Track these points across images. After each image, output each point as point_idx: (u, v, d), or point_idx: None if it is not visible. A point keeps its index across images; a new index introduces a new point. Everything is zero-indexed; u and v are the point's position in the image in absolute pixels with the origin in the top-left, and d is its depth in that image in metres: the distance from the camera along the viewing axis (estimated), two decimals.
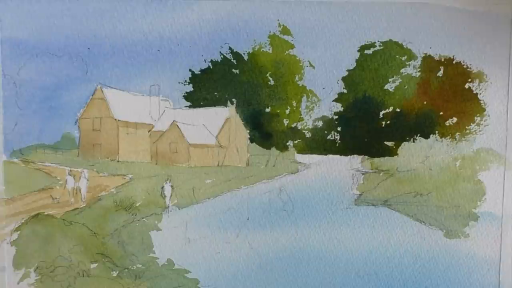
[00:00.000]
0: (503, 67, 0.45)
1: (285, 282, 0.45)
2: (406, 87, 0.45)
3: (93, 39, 0.44)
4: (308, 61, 0.44)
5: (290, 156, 0.46)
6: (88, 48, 0.44)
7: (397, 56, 0.45)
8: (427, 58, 0.45)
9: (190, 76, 0.44)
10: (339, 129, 0.45)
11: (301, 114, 0.45)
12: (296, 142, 0.45)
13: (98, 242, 0.45)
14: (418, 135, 0.45)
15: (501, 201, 0.45)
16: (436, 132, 0.45)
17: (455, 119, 0.45)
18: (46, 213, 0.45)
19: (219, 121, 0.46)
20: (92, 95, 0.44)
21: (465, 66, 0.45)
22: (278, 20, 0.44)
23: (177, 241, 0.44)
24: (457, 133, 0.45)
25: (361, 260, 0.46)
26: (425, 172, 0.45)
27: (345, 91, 0.45)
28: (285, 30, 0.44)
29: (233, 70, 0.44)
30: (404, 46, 0.44)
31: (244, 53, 0.44)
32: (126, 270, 0.45)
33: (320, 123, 0.45)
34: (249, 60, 0.44)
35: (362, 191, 0.46)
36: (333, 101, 0.45)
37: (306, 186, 0.46)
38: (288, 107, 0.45)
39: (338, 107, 0.45)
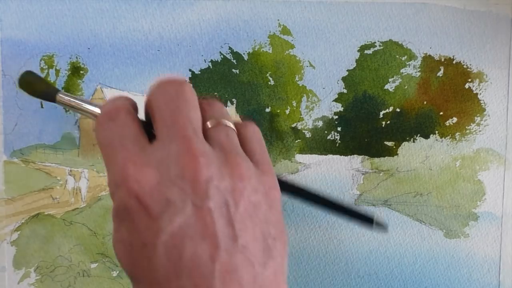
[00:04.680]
0: (503, 67, 0.44)
1: None
2: (406, 87, 0.45)
3: (93, 39, 0.44)
4: (308, 61, 0.44)
5: (290, 156, 0.46)
6: (88, 48, 0.44)
7: (397, 56, 0.44)
8: (427, 58, 0.45)
9: (190, 76, 0.44)
10: (339, 129, 0.45)
11: (301, 114, 0.45)
12: (296, 142, 0.45)
13: (98, 242, 0.45)
14: (418, 135, 0.45)
15: (501, 201, 0.45)
16: (436, 132, 0.45)
17: (455, 119, 0.45)
18: (46, 213, 0.45)
19: None
20: (92, 95, 0.44)
21: (465, 66, 0.45)
22: (278, 20, 0.44)
23: None
24: (457, 133, 0.45)
25: (361, 260, 0.46)
26: (425, 172, 0.45)
27: (345, 91, 0.45)
28: (285, 30, 0.44)
29: (233, 70, 0.44)
30: (404, 46, 0.44)
31: (244, 53, 0.44)
32: None
33: (320, 123, 0.45)
34: (249, 60, 0.44)
35: (362, 191, 0.46)
36: (333, 101, 0.45)
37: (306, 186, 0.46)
38: (288, 107, 0.45)
39: (338, 107, 0.45)
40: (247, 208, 0.23)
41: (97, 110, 0.30)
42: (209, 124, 0.25)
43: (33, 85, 0.39)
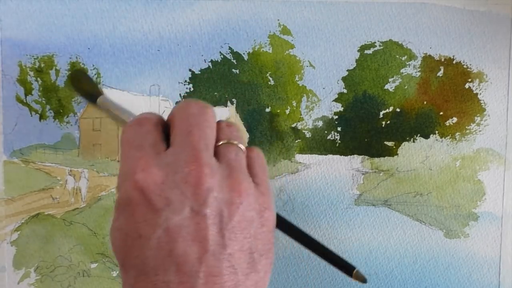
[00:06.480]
0: (503, 67, 0.45)
1: (285, 282, 0.45)
2: (406, 87, 0.45)
3: (93, 39, 0.44)
4: (308, 61, 0.44)
5: (290, 156, 0.46)
6: (88, 48, 0.44)
7: (397, 56, 0.45)
8: (427, 58, 0.45)
9: (190, 76, 0.44)
10: (339, 129, 0.45)
11: (301, 114, 0.45)
12: (296, 142, 0.45)
13: (98, 242, 0.45)
14: (418, 135, 0.45)
15: (501, 201, 0.45)
16: (436, 132, 0.45)
17: (455, 119, 0.45)
18: (46, 213, 0.45)
19: None
20: None
21: (465, 66, 0.45)
22: (278, 20, 0.44)
23: None
24: (457, 133, 0.45)
25: (361, 260, 0.46)
26: (425, 172, 0.45)
27: (345, 91, 0.45)
28: (285, 30, 0.44)
29: (233, 70, 0.45)
30: (404, 46, 0.44)
31: (244, 53, 0.44)
32: None
33: (320, 123, 0.45)
34: (249, 60, 0.44)
35: (362, 191, 0.46)
36: (333, 101, 0.45)
37: (306, 186, 0.46)
38: (288, 107, 0.45)
39: (338, 107, 0.45)
40: (240, 221, 0.24)
41: (130, 119, 0.31)
42: (222, 142, 0.28)
43: (80, 83, 0.40)
